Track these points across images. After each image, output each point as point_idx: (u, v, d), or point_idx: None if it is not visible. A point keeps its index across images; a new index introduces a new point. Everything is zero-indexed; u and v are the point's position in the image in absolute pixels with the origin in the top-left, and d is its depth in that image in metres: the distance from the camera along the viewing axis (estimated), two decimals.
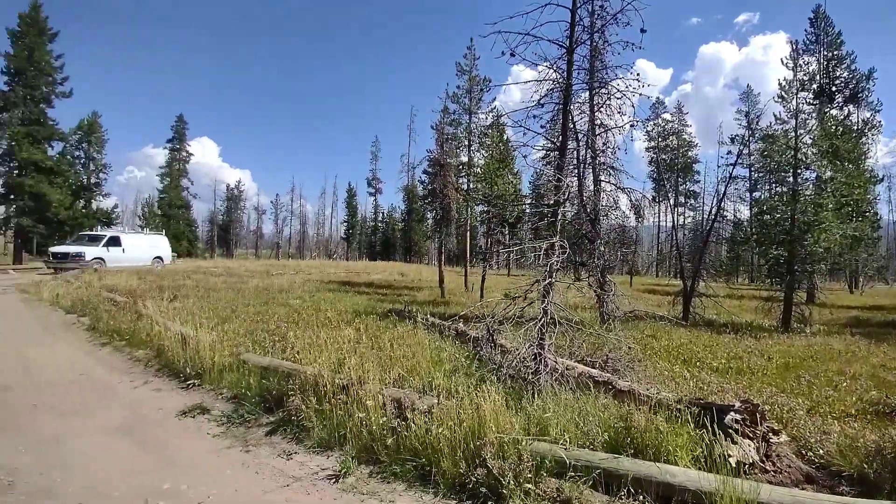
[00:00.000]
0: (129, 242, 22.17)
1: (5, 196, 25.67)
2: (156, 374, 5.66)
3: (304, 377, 4.39)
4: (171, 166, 47.65)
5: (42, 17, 25.31)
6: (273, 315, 9.19)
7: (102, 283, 13.19)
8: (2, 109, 24.43)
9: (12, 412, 4.25)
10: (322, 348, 5.44)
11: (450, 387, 4.19)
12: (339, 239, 71.59)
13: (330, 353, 5.24)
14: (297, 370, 4.66)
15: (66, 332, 8.05)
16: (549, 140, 5.61)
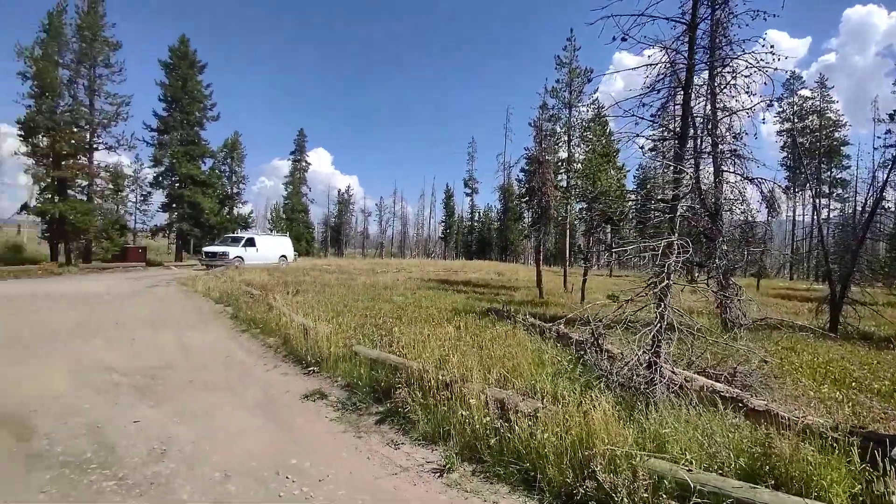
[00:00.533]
0: (261, 243, 25.38)
1: (168, 205, 31.21)
2: (283, 360, 6.38)
3: (409, 371, 4.60)
4: (293, 175, 53.49)
5: (191, 50, 30.17)
6: (379, 311, 9.79)
7: (242, 278, 15.27)
8: (163, 132, 29.71)
9: (173, 387, 5.12)
10: (425, 344, 5.65)
11: (554, 391, 4.05)
12: (437, 238, 73.90)
13: (433, 349, 5.42)
14: (403, 364, 4.89)
15: (215, 319, 9.48)
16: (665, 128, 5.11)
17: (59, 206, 21.96)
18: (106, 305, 10.33)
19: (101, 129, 24.55)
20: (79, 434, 3.68)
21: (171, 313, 9.77)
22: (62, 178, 22.66)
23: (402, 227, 72.59)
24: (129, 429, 3.83)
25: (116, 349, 6.53)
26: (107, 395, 4.64)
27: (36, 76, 21.67)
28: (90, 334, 7.37)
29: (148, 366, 5.81)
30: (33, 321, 8.16)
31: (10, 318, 8.39)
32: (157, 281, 16.46)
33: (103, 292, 12.56)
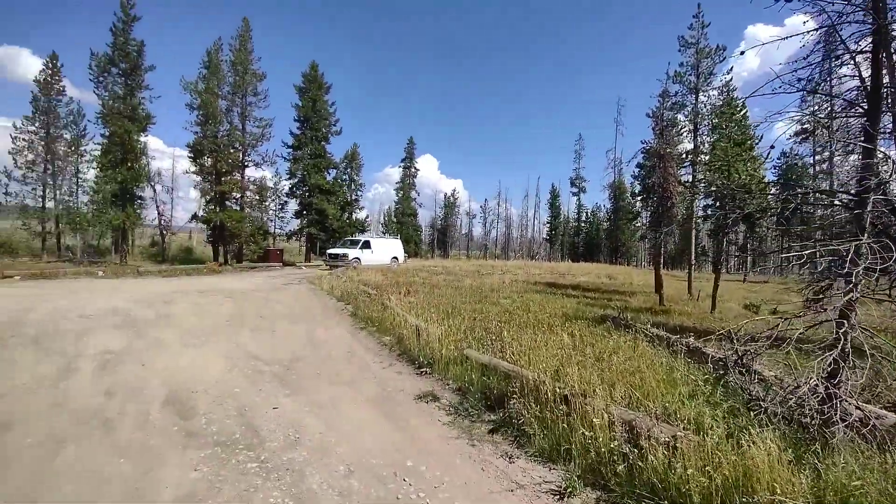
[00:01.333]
0: (376, 245, 27.25)
1: (300, 212, 35.28)
2: (397, 359, 6.63)
3: (523, 380, 4.39)
4: (403, 181, 56.62)
5: (319, 74, 33.76)
6: (487, 313, 9.72)
7: (359, 278, 16.51)
8: (297, 148, 33.66)
9: (304, 377, 5.61)
10: (538, 351, 5.39)
11: (694, 417, 3.51)
12: (542, 240, 71.95)
13: (546, 357, 5.14)
14: (515, 372, 4.70)
15: (338, 315, 10.33)
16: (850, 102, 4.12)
17: (219, 215, 26.24)
18: (253, 300, 11.93)
19: (251, 148, 28.73)
20: (230, 415, 4.20)
21: (302, 309, 10.90)
22: (222, 192, 27.03)
23: (506, 229, 72.18)
24: (270, 414, 4.27)
25: (260, 340, 7.44)
26: (253, 382, 5.27)
27: (201, 107, 26.19)
28: (240, 326, 8.53)
29: (285, 357, 6.49)
30: (202, 312, 9.74)
31: (188, 309, 10.12)
32: (291, 280, 18.63)
33: (251, 289, 14.56)
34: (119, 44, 24.43)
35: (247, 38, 28.31)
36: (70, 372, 5.35)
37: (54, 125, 27.39)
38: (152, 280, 17.15)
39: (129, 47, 24.67)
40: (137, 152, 25.10)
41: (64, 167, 27.73)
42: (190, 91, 26.25)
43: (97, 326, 7.77)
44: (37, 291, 11.83)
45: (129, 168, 24.44)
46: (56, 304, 9.68)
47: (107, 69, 24.38)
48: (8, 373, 5.15)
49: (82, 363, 5.68)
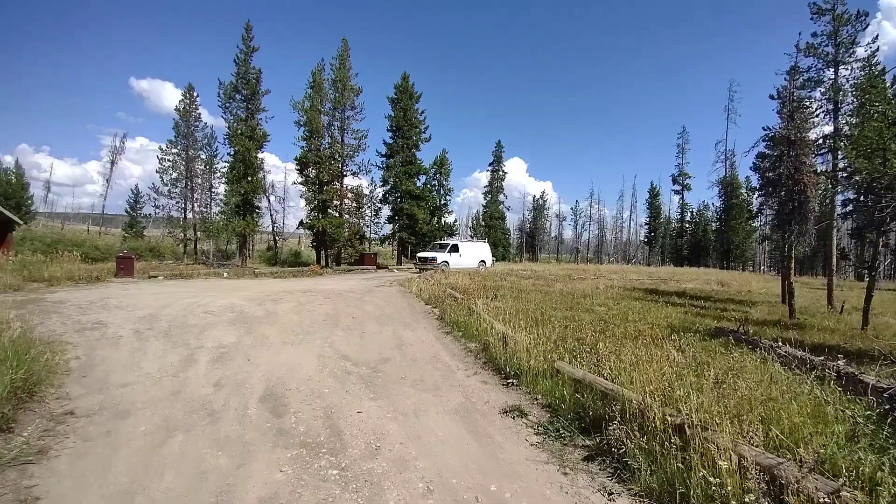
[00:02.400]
0: (464, 249, 27.38)
1: (392, 217, 36.93)
2: (483, 367, 6.37)
3: (624, 402, 3.84)
4: (491, 185, 56.48)
5: (410, 84, 35.07)
6: (580, 322, 9.03)
7: (447, 281, 16.60)
8: (390, 156, 35.30)
9: (389, 381, 5.59)
10: (640, 368, 4.73)
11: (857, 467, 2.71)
12: (639, 242, 66.80)
13: (650, 376, 4.47)
14: (615, 392, 4.15)
15: (425, 319, 10.39)
16: None
17: (321, 221, 28.47)
18: (347, 301, 12.56)
19: (348, 159, 30.83)
20: (317, 416, 4.28)
21: (391, 311, 11.18)
22: (324, 200, 29.31)
23: (599, 231, 68.22)
24: (354, 418, 4.27)
25: (351, 340, 7.69)
26: (341, 382, 5.38)
27: (306, 123, 28.69)
28: (334, 325, 8.95)
29: (372, 358, 6.60)
30: (302, 311, 10.46)
31: (290, 308, 10.96)
32: (382, 282, 19.42)
33: (346, 290, 15.41)
34: (241, 73, 27.80)
35: (346, 56, 30.41)
36: (190, 363, 5.96)
37: (192, 147, 32.04)
38: (265, 281, 19.06)
39: (249, 75, 27.95)
40: (256, 167, 28.28)
41: (200, 183, 32.29)
42: (298, 110, 28.93)
43: (217, 322, 8.68)
44: (174, 289, 13.74)
45: (249, 182, 27.62)
46: (188, 300, 11.09)
47: (232, 96, 27.88)
48: (141, 362, 5.90)
49: (201, 355, 6.32)
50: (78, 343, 6.72)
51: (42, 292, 12.07)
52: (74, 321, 8.25)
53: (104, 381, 5.13)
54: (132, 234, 38.11)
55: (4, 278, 12.44)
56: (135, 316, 8.90)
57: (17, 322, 6.22)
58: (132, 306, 10.07)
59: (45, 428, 3.70)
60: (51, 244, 24.27)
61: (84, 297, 11.15)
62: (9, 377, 3.86)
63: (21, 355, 4.50)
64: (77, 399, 4.51)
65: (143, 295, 12.07)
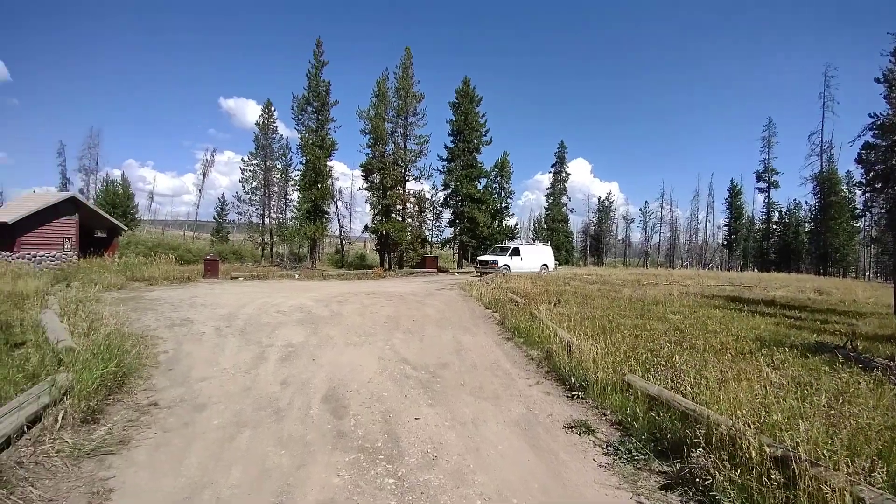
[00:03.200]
0: (525, 252, 26.82)
1: (453, 221, 37.11)
2: (545, 376, 6.06)
3: (709, 426, 3.40)
4: (553, 186, 54.96)
5: (471, 87, 35.07)
6: (652, 331, 8.36)
7: (508, 285, 16.28)
8: (450, 160, 35.50)
9: (448, 386, 5.48)
10: (727, 386, 4.19)
11: None
12: (718, 245, 61.51)
13: (740, 396, 3.94)
14: (697, 413, 3.70)
15: (485, 323, 10.20)
16: None
17: (385, 225, 29.31)
18: (408, 304, 12.72)
19: (411, 164, 31.47)
20: (376, 420, 4.27)
21: (451, 315, 11.12)
22: (387, 205, 30.16)
23: (671, 234, 63.63)
24: (411, 425, 4.20)
25: (411, 344, 7.71)
26: (400, 386, 5.37)
27: (371, 131, 29.70)
28: (395, 328, 9.05)
29: (431, 362, 6.54)
30: (365, 312, 10.72)
31: (354, 309, 11.30)
32: (443, 285, 19.51)
33: (408, 293, 15.64)
34: (312, 86, 29.45)
35: (408, 64, 31.15)
36: (261, 361, 6.28)
37: (269, 158, 34.50)
38: (332, 282, 19.92)
39: (319, 88, 29.54)
40: (325, 175, 29.78)
41: (276, 191, 34.67)
42: (363, 118, 30.09)
43: (287, 321, 9.14)
44: (252, 290, 14.76)
45: (319, 188, 29.15)
46: (262, 300, 11.83)
47: (304, 108, 29.62)
48: (219, 358, 6.31)
49: (271, 353, 6.64)
50: (167, 338, 7.37)
51: (142, 291, 13.51)
52: (166, 318, 9.09)
53: (186, 374, 5.53)
54: (219, 238, 41.86)
55: (110, 278, 14.09)
56: (216, 314, 9.63)
57: (113, 319, 6.96)
58: (215, 305, 10.92)
59: (130, 419, 4.03)
60: (152, 248, 27.23)
61: (176, 296, 12.30)
62: (99, 371, 4.25)
63: (113, 349, 4.98)
64: (162, 391, 4.89)
65: (225, 294, 13.07)
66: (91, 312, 8.74)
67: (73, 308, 8.62)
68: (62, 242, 19.59)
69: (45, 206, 18.68)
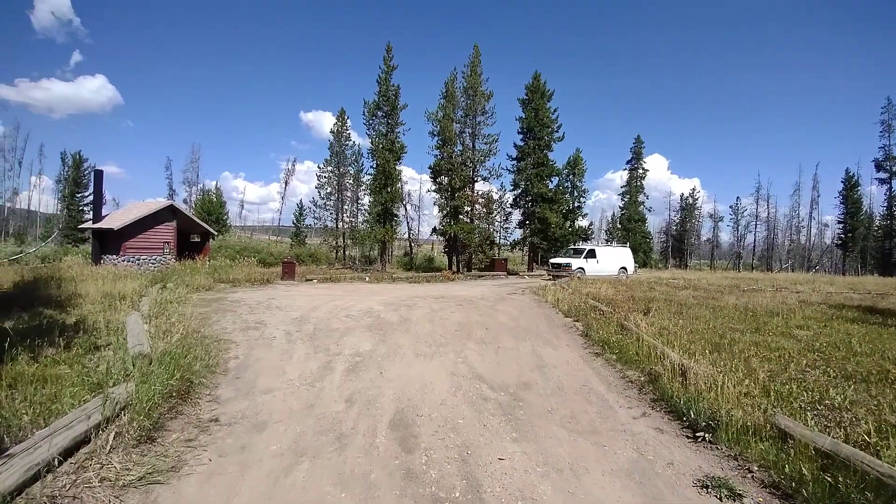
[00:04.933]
0: (602, 255, 24.94)
1: (523, 222, 35.78)
2: (652, 406, 4.98)
3: None
4: (629, 184, 51.30)
5: (542, 82, 33.55)
6: (780, 350, 6.83)
7: (587, 290, 14.94)
8: (520, 159, 34.22)
9: (534, 414, 4.64)
10: None
11: None
12: (828, 245, 53.62)
13: None
14: None
15: (566, 334, 9.16)
16: None
17: (453, 227, 28.90)
18: (479, 309, 11.98)
19: (479, 164, 30.79)
20: (451, 458, 3.56)
21: (527, 323, 10.20)
22: (455, 207, 29.74)
23: (768, 233, 56.38)
24: (495, 468, 3.44)
25: (485, 357, 6.95)
26: (477, 412, 4.63)
27: (440, 132, 29.48)
28: (467, 337, 8.35)
29: (511, 381, 5.74)
30: (435, 318, 10.16)
31: (424, 315, 10.81)
32: (514, 289, 18.52)
33: (478, 297, 14.91)
34: (382, 91, 29.93)
35: (476, 62, 30.54)
36: (327, 371, 5.89)
37: (343, 164, 35.78)
38: (401, 285, 19.79)
39: (389, 93, 29.95)
40: (395, 178, 30.10)
41: (349, 196, 35.83)
42: (431, 120, 30.00)
43: (355, 327, 8.83)
44: (324, 292, 14.93)
45: (388, 192, 29.51)
46: (333, 304, 11.76)
47: (374, 113, 30.20)
48: (286, 367, 6.02)
49: (337, 363, 6.25)
50: (240, 342, 7.31)
51: (226, 292, 14.16)
52: (243, 320, 9.19)
53: (252, 384, 5.26)
54: (297, 242, 44.26)
55: (200, 280, 14.97)
56: (289, 318, 9.60)
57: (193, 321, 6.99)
58: (289, 307, 10.99)
59: (188, 437, 3.71)
60: (239, 251, 29.26)
61: (254, 298, 12.67)
62: (160, 384, 4.01)
63: (179, 359, 4.79)
64: (225, 403, 4.61)
65: (299, 297, 13.26)
66: (175, 314, 9.09)
67: (159, 310, 9.02)
68: (162, 247, 21.50)
69: (147, 214, 20.61)
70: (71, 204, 43.07)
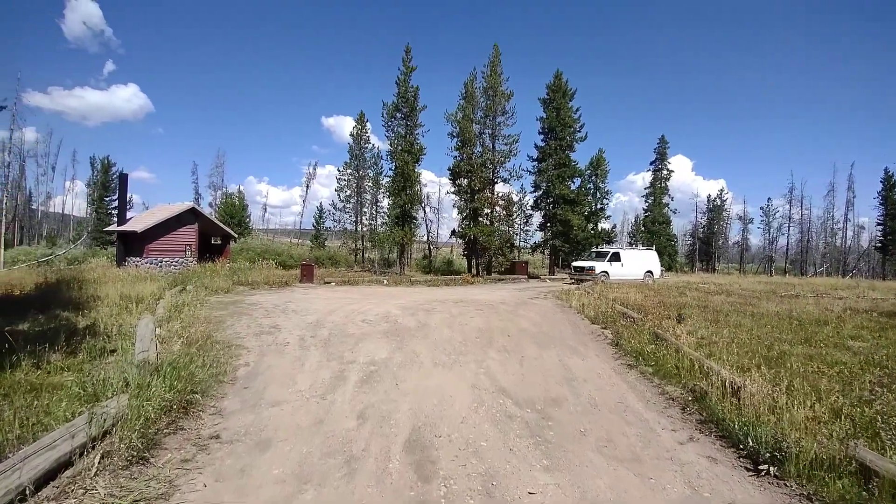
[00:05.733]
0: (626, 258, 24.05)
1: (544, 224, 35.04)
2: (699, 428, 4.42)
3: None
4: (653, 185, 49.84)
5: (563, 81, 32.82)
6: (839, 365, 6.14)
7: (613, 295, 14.26)
8: (541, 160, 33.51)
9: (563, 437, 4.15)
10: None
11: None
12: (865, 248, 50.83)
13: None
14: None
15: (594, 342, 8.59)
16: None
17: (473, 229, 28.43)
18: (500, 314, 11.48)
19: (499, 166, 30.25)
20: (474, 489, 3.12)
21: (550, 330, 9.67)
22: (475, 208, 29.29)
23: (801, 235, 53.76)
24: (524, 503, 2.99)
25: (508, 367, 6.48)
26: (502, 432, 4.17)
27: (459, 133, 29.11)
28: (488, 345, 7.89)
29: (537, 395, 5.26)
30: (454, 324, 9.71)
31: (442, 320, 10.37)
32: (536, 293, 17.92)
33: (498, 301, 14.41)
34: (401, 92, 29.75)
35: (496, 62, 30.06)
36: (340, 382, 5.53)
37: (362, 167, 35.74)
38: (419, 288, 19.43)
39: (408, 94, 29.75)
40: (413, 180, 29.84)
41: (368, 198, 35.77)
42: (451, 121, 29.65)
43: (371, 333, 8.48)
44: (341, 295, 14.67)
45: (407, 194, 29.27)
46: (350, 308, 11.46)
47: (393, 115, 30.04)
48: (296, 376, 5.68)
49: (351, 373, 5.88)
50: (252, 348, 7.02)
51: (244, 294, 14.05)
52: (257, 325, 8.95)
53: (260, 395, 4.93)
54: (317, 244, 44.48)
55: (219, 282, 14.91)
56: (304, 322, 9.32)
57: (206, 324, 6.73)
58: (305, 311, 10.73)
59: (185, 457, 3.37)
60: (260, 253, 29.42)
61: (271, 301, 12.48)
62: (157, 398, 3.69)
63: (182, 369, 4.49)
64: (229, 416, 4.28)
65: (316, 300, 13.03)
66: (190, 317, 8.92)
67: (172, 313, 8.86)
68: (184, 249, 21.73)
69: (170, 217, 20.86)
70: (99, 207, 44.30)
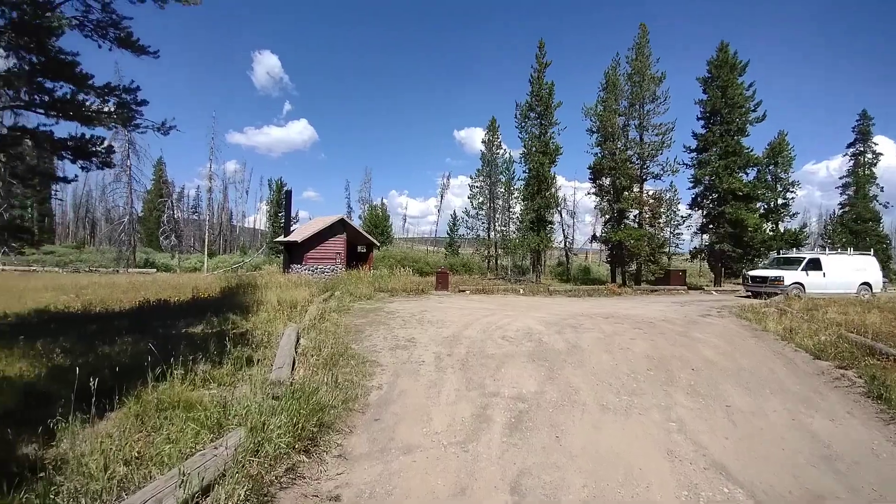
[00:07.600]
0: (829, 265, 18.57)
1: (706, 225, 29.59)
2: None
3: None
4: (854, 174, 38.82)
5: (730, 54, 27.31)
6: None
7: (830, 317, 10.61)
8: (702, 150, 28.34)
9: None
10: None
11: None
12: None
13: None
14: None
15: (834, 391, 6.00)
16: None
17: (619, 233, 25.35)
18: (668, 337, 9.24)
19: (649, 160, 26.52)
20: None
21: (752, 364, 7.22)
22: (620, 210, 26.15)
23: None
24: None
25: (712, 423, 4.63)
26: None
27: (600, 128, 26.36)
28: (668, 382, 6.04)
29: (784, 485, 3.42)
30: (612, 347, 7.98)
31: (596, 341, 8.70)
32: (705, 308, 14.62)
33: (659, 318, 11.94)
34: (535, 90, 28.27)
35: (643, 43, 26.52)
36: (483, 423, 4.47)
37: (494, 173, 35.21)
38: (559, 299, 17.66)
39: (542, 91, 28.13)
40: (549, 182, 28.04)
41: (501, 204, 35.07)
42: (590, 116, 27.12)
43: (514, 353, 7.32)
44: (477, 305, 13.88)
45: (542, 197, 27.59)
46: (487, 320, 10.51)
47: (527, 115, 28.71)
48: (431, 411, 4.79)
49: (496, 411, 4.78)
50: (386, 365, 6.47)
51: (384, 301, 14.27)
52: (393, 336, 8.55)
53: (391, 435, 4.13)
54: (450, 252, 45.48)
55: (362, 289, 15.50)
56: (440, 336, 8.63)
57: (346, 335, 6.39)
58: (440, 322, 10.13)
59: None
60: (399, 260, 30.92)
61: (408, 309, 12.28)
62: (277, 435, 3.06)
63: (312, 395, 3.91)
64: (354, 464, 3.52)
65: (451, 310, 12.44)
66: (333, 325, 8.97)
67: (316, 322, 9.00)
68: (335, 257, 23.73)
69: (323, 228, 22.98)
70: (274, 222, 52.38)
